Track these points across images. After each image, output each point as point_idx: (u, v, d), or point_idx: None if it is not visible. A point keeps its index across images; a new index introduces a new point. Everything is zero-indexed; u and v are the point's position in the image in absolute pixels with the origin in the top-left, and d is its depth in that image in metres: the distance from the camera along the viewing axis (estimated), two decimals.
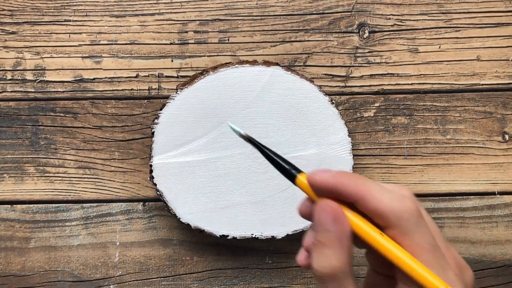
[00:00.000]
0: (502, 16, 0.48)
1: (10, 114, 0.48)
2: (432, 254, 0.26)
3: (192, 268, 0.47)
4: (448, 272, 0.26)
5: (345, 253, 0.27)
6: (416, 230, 0.26)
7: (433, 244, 0.26)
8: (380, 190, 0.27)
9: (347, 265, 0.27)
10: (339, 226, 0.28)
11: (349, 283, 0.27)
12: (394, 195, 0.27)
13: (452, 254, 0.28)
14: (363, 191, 0.27)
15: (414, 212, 0.27)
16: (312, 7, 0.48)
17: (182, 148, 0.43)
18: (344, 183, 0.28)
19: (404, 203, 0.27)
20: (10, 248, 0.47)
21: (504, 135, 0.48)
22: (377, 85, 0.48)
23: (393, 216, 0.27)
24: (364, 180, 0.28)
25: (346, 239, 0.27)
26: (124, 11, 0.48)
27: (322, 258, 0.28)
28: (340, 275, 0.27)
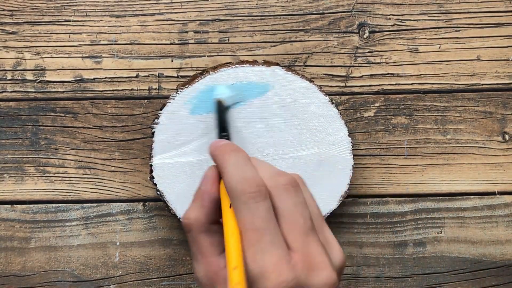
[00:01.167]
0: (502, 16, 0.48)
1: (10, 114, 0.48)
2: (253, 233, 0.28)
3: (192, 268, 0.47)
4: (269, 254, 0.28)
5: (203, 211, 0.31)
6: (244, 210, 0.29)
7: (260, 225, 0.28)
8: (232, 166, 0.30)
9: (203, 222, 0.31)
10: (205, 186, 0.32)
11: (202, 238, 0.31)
12: (241, 173, 0.30)
13: (304, 248, 0.29)
14: (222, 166, 0.31)
15: (247, 191, 0.29)
16: (312, 7, 0.48)
17: (182, 148, 0.43)
18: (215, 155, 0.32)
19: (243, 182, 0.29)
20: (10, 248, 0.47)
21: (504, 135, 0.48)
22: (377, 85, 0.48)
23: (230, 193, 0.30)
24: (228, 154, 0.31)
25: (208, 199, 0.31)
26: (124, 11, 0.48)
27: (187, 210, 0.32)
28: (195, 228, 0.31)
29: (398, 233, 0.48)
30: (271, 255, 0.28)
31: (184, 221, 0.32)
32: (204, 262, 0.31)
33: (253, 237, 0.28)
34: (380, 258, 0.47)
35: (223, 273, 0.30)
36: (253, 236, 0.28)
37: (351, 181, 0.44)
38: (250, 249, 0.28)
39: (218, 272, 0.30)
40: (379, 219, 0.48)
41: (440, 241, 0.48)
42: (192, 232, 0.31)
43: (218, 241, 0.31)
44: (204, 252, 0.31)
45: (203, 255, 0.31)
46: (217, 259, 0.30)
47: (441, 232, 0.48)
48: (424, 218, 0.48)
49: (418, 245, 0.47)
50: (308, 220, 0.30)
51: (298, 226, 0.29)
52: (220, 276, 0.30)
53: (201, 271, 0.31)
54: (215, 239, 0.31)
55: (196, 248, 0.31)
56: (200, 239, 0.31)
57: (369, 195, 0.48)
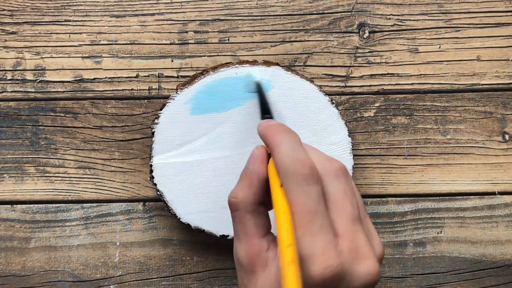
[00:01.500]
0: (502, 16, 0.48)
1: (10, 114, 0.48)
2: (304, 216, 0.28)
3: (192, 268, 0.47)
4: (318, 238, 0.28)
5: (251, 190, 0.31)
6: (295, 190, 0.28)
7: (311, 208, 0.28)
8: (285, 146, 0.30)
9: (250, 202, 0.31)
10: (253, 165, 0.31)
11: (248, 219, 0.30)
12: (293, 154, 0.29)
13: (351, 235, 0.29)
14: (274, 145, 0.30)
15: (299, 173, 0.29)
16: (312, 7, 0.48)
17: (182, 148, 0.43)
18: (267, 134, 0.32)
19: (295, 163, 0.29)
20: (10, 248, 0.47)
21: (504, 135, 0.48)
22: (377, 85, 0.48)
23: (282, 173, 0.29)
24: (281, 134, 0.31)
25: (256, 179, 0.31)
26: (124, 11, 0.48)
27: (234, 189, 0.31)
28: (241, 208, 0.31)
29: (398, 233, 0.48)
30: (320, 239, 0.28)
31: (231, 199, 0.31)
32: (247, 243, 0.30)
33: (304, 219, 0.28)
34: None
35: (264, 256, 0.30)
36: (304, 218, 0.28)
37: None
38: (300, 230, 0.28)
39: (260, 254, 0.30)
40: (379, 219, 0.48)
41: (440, 241, 0.48)
42: (238, 211, 0.31)
43: (263, 222, 0.31)
44: (248, 232, 0.30)
45: (247, 235, 0.30)
46: (260, 241, 0.30)
47: (441, 232, 0.48)
48: (424, 218, 0.48)
49: (418, 245, 0.47)
50: (356, 208, 0.30)
51: (347, 213, 0.29)
52: (262, 258, 0.30)
53: (242, 251, 0.30)
54: (260, 221, 0.31)
55: (240, 228, 0.31)
56: (246, 219, 0.31)
57: (369, 195, 0.48)
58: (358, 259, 0.28)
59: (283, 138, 0.31)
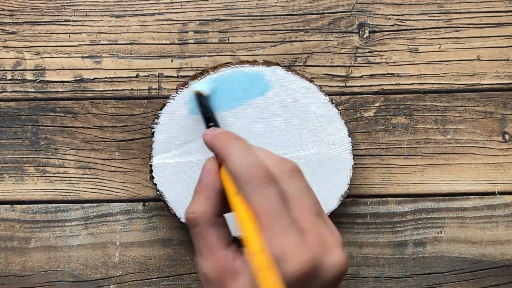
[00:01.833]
0: (502, 16, 0.48)
1: (10, 114, 0.48)
2: (269, 217, 0.28)
3: (192, 268, 0.47)
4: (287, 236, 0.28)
5: (209, 203, 0.30)
6: (255, 193, 0.28)
7: (274, 208, 0.28)
8: (237, 153, 0.30)
9: (210, 215, 0.30)
10: (208, 178, 0.31)
11: (209, 233, 0.30)
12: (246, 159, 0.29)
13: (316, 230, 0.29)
14: (226, 154, 0.30)
15: (256, 176, 0.29)
16: (312, 7, 0.48)
17: (182, 148, 0.43)
18: (214, 143, 0.32)
19: (251, 168, 0.29)
20: (10, 248, 0.47)
21: (504, 135, 0.48)
22: (377, 85, 0.48)
23: (238, 180, 0.29)
24: (230, 142, 0.31)
25: (213, 190, 0.31)
26: (124, 11, 0.48)
27: (190, 205, 0.31)
28: (201, 222, 0.30)
29: (398, 233, 0.48)
30: (289, 237, 0.28)
31: (189, 216, 0.31)
32: (212, 257, 0.30)
33: (269, 220, 0.28)
34: (380, 258, 0.47)
35: (232, 266, 0.29)
36: (269, 220, 0.28)
37: (351, 181, 0.44)
38: (267, 232, 0.28)
39: (227, 266, 0.29)
40: (379, 219, 0.48)
41: (440, 241, 0.48)
42: (198, 226, 0.30)
43: (224, 233, 0.31)
44: (211, 246, 0.30)
45: (210, 249, 0.30)
46: (225, 253, 0.30)
47: (441, 232, 0.48)
48: (424, 218, 0.48)
49: (418, 245, 0.47)
50: (316, 203, 0.30)
51: (308, 208, 0.30)
52: (230, 269, 0.29)
53: (208, 266, 0.30)
54: (221, 232, 0.31)
55: (203, 243, 0.30)
56: (207, 233, 0.30)
57: (369, 195, 0.48)
58: (326, 251, 0.29)
59: (232, 145, 0.31)
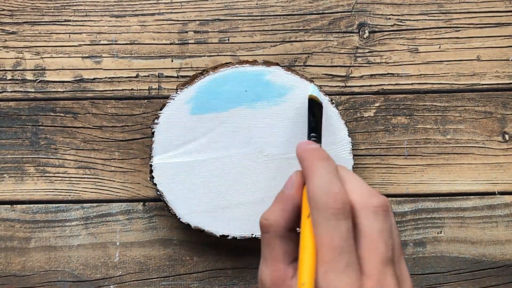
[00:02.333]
0: (502, 16, 0.48)
1: (10, 114, 0.48)
2: (329, 251, 0.27)
3: (192, 268, 0.47)
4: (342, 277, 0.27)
5: (284, 215, 0.30)
6: (324, 226, 0.28)
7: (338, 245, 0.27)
8: (320, 176, 0.29)
9: (281, 227, 0.30)
10: (289, 190, 0.31)
11: (277, 243, 0.30)
12: (327, 186, 0.28)
13: (379, 277, 0.28)
14: (309, 172, 0.30)
15: (330, 207, 0.28)
16: (312, 7, 0.48)
17: (182, 148, 0.43)
18: (303, 158, 0.31)
19: (328, 196, 0.28)
20: (10, 248, 0.47)
21: (504, 135, 0.48)
22: (377, 85, 0.48)
23: (312, 204, 0.29)
24: (317, 162, 0.30)
25: (291, 204, 0.30)
26: (124, 11, 0.48)
27: (267, 210, 0.31)
28: (272, 231, 0.30)
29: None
30: (344, 278, 0.27)
31: (263, 221, 0.30)
32: (273, 267, 0.30)
33: (329, 255, 0.27)
34: None
35: (289, 283, 0.29)
36: (329, 254, 0.27)
37: None
38: (323, 266, 0.27)
39: (284, 280, 0.29)
40: None
41: (440, 241, 0.48)
42: (268, 234, 0.30)
43: (292, 249, 0.30)
44: (275, 257, 0.30)
45: (274, 259, 0.30)
46: (286, 267, 0.29)
47: (441, 232, 0.48)
48: (424, 218, 0.48)
49: (418, 245, 0.47)
50: (390, 250, 0.28)
51: (379, 253, 0.28)
52: (286, 285, 0.29)
53: (268, 274, 0.30)
54: (289, 247, 0.30)
55: (268, 251, 0.30)
56: (275, 243, 0.30)
57: None
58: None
59: (318, 166, 0.30)
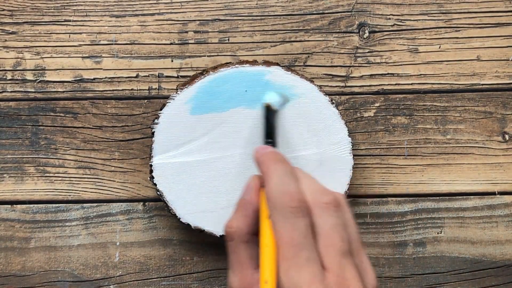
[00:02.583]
0: (502, 16, 0.48)
1: (10, 114, 0.48)
2: (290, 248, 0.28)
3: (192, 268, 0.47)
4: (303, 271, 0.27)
5: (246, 220, 0.31)
6: (281, 222, 0.29)
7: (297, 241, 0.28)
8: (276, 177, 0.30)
9: (245, 233, 0.31)
10: (247, 196, 0.31)
11: (242, 249, 0.31)
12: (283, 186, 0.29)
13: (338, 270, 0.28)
14: (266, 174, 0.31)
15: (287, 205, 0.29)
16: (312, 7, 0.48)
17: (182, 148, 0.43)
18: (260, 161, 0.32)
19: (284, 195, 0.29)
20: (10, 248, 0.47)
21: (504, 135, 0.48)
22: (377, 85, 0.48)
23: (270, 205, 0.29)
24: (274, 164, 0.31)
25: (251, 209, 0.31)
26: (124, 11, 0.48)
27: (230, 218, 0.32)
28: (236, 238, 0.31)
29: (398, 233, 0.48)
30: (306, 272, 0.27)
31: (226, 229, 0.31)
32: (240, 273, 0.30)
33: (290, 251, 0.28)
34: (380, 258, 0.47)
35: None
36: (290, 251, 0.28)
37: (351, 181, 0.44)
38: (285, 263, 0.28)
39: (253, 285, 0.29)
40: (379, 219, 0.48)
41: (440, 241, 0.48)
42: (234, 241, 0.31)
43: (256, 253, 0.31)
44: (242, 263, 0.30)
45: (241, 266, 0.30)
46: (252, 273, 0.30)
47: (441, 232, 0.48)
48: (424, 218, 0.48)
49: (418, 245, 0.47)
50: (346, 243, 0.29)
51: (336, 247, 0.29)
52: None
53: (236, 281, 0.30)
54: (254, 251, 0.31)
55: (235, 258, 0.31)
56: (240, 249, 0.31)
57: (369, 195, 0.48)
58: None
59: (275, 168, 0.31)
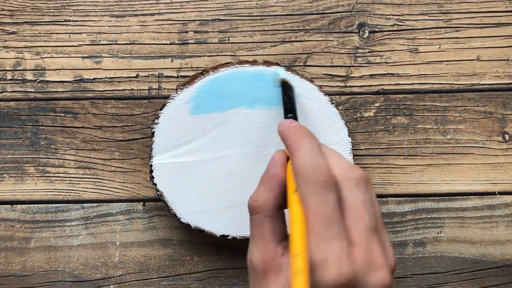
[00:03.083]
0: (502, 16, 0.48)
1: (10, 114, 0.48)
2: (320, 222, 0.28)
3: (192, 268, 0.47)
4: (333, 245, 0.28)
5: (271, 194, 0.31)
6: (312, 195, 0.28)
7: (327, 215, 0.28)
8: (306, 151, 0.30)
9: (270, 206, 0.31)
10: (274, 169, 0.31)
11: (266, 223, 0.30)
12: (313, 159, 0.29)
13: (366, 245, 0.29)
14: (294, 147, 0.30)
15: (318, 179, 0.29)
16: (312, 7, 0.48)
17: (182, 148, 0.43)
18: (287, 135, 0.32)
19: (315, 169, 0.29)
20: (10, 248, 0.47)
21: (504, 135, 0.48)
22: (377, 85, 0.48)
23: (299, 179, 0.29)
24: (302, 138, 0.31)
25: (277, 182, 0.31)
26: (124, 11, 0.48)
27: (255, 192, 0.31)
28: (261, 211, 0.31)
29: (398, 233, 0.48)
30: (335, 246, 0.28)
31: (251, 203, 0.31)
32: (262, 247, 0.30)
33: (319, 224, 0.28)
34: None
35: (279, 261, 0.30)
36: (319, 224, 0.28)
37: None
38: (315, 236, 0.28)
39: (274, 259, 0.30)
40: None
41: (440, 241, 0.48)
42: (258, 215, 0.31)
43: (280, 227, 0.31)
44: (265, 236, 0.30)
45: (264, 239, 0.30)
46: (276, 246, 0.30)
47: (441, 232, 0.48)
48: (424, 218, 0.48)
49: (418, 245, 0.47)
50: (373, 219, 0.30)
51: (363, 222, 0.29)
52: (275, 264, 0.30)
53: (257, 254, 0.30)
54: (278, 226, 0.31)
55: (258, 232, 0.31)
56: (265, 223, 0.30)
57: None
58: (371, 269, 0.28)
59: (304, 142, 0.30)
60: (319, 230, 0.28)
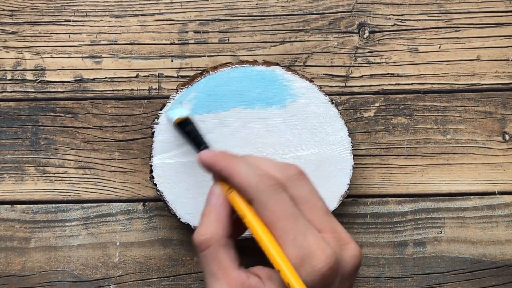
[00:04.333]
0: (502, 16, 0.48)
1: (10, 114, 0.48)
2: (287, 221, 0.29)
3: (192, 268, 0.47)
4: (308, 236, 0.29)
5: (220, 224, 0.31)
6: (270, 200, 0.29)
7: (291, 212, 0.29)
8: (243, 167, 0.31)
9: (222, 236, 0.31)
10: (216, 200, 0.32)
11: (222, 253, 0.31)
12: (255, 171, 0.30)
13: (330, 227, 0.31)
14: (230, 169, 0.31)
15: (268, 185, 0.30)
16: (312, 7, 0.48)
17: (182, 148, 0.43)
18: (217, 162, 0.32)
19: (261, 178, 0.30)
20: (10, 248, 0.47)
21: (504, 135, 0.48)
22: (377, 85, 0.48)
23: (250, 190, 0.30)
24: (233, 159, 0.32)
25: (224, 211, 0.31)
26: (124, 11, 0.48)
27: (200, 228, 0.31)
28: (213, 244, 0.31)
29: (398, 233, 0.48)
30: (310, 236, 0.29)
31: (200, 238, 0.31)
32: (227, 278, 0.30)
33: (288, 223, 0.29)
34: (380, 258, 0.47)
35: (248, 284, 0.30)
36: (288, 222, 0.29)
37: (351, 181, 0.44)
38: (289, 235, 0.29)
39: (244, 284, 0.30)
40: (379, 219, 0.48)
41: (440, 241, 0.48)
42: (210, 248, 0.30)
43: (235, 255, 0.31)
44: (225, 267, 0.30)
45: (225, 271, 0.30)
46: (239, 273, 0.30)
47: (441, 232, 0.48)
48: (424, 218, 0.48)
49: (418, 245, 0.48)
50: (324, 203, 0.32)
51: (319, 208, 0.31)
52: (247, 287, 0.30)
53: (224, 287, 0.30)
54: (232, 253, 0.31)
55: (216, 265, 0.30)
56: (220, 253, 0.30)
57: (369, 195, 0.48)
58: (343, 246, 0.30)
59: (236, 161, 0.32)
60: (290, 228, 0.29)
